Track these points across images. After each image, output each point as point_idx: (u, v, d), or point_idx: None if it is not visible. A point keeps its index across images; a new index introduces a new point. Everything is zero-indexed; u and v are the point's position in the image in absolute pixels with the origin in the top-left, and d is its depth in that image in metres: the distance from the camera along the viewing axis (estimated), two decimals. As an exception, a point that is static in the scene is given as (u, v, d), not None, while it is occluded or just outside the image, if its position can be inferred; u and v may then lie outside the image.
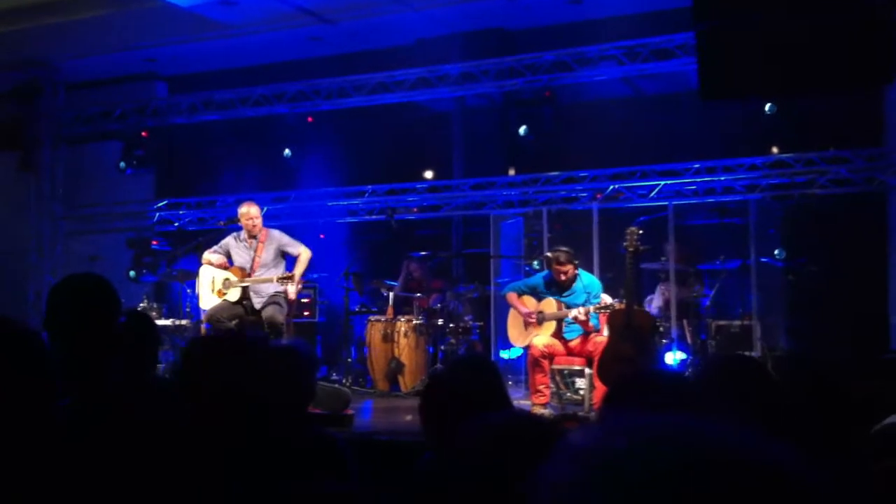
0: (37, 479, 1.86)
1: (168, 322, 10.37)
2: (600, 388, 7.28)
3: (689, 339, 9.13)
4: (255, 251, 8.46)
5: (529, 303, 8.00)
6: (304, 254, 8.43)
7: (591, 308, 7.48)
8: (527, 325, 7.93)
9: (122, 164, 11.82)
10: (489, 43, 10.68)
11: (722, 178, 9.58)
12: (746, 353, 7.73)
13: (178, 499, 1.82)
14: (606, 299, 7.62)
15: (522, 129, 10.00)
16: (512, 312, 8.18)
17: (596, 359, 7.41)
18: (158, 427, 1.88)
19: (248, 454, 2.13)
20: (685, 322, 9.22)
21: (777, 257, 9.36)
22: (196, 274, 8.97)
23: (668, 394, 2.27)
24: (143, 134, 11.90)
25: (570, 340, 7.74)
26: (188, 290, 10.05)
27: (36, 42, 11.32)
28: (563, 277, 7.73)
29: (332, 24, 10.59)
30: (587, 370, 7.68)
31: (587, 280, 7.87)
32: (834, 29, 6.37)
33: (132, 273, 11.45)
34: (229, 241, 8.65)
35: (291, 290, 8.31)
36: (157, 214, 12.14)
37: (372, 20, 10.39)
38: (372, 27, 10.60)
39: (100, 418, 1.88)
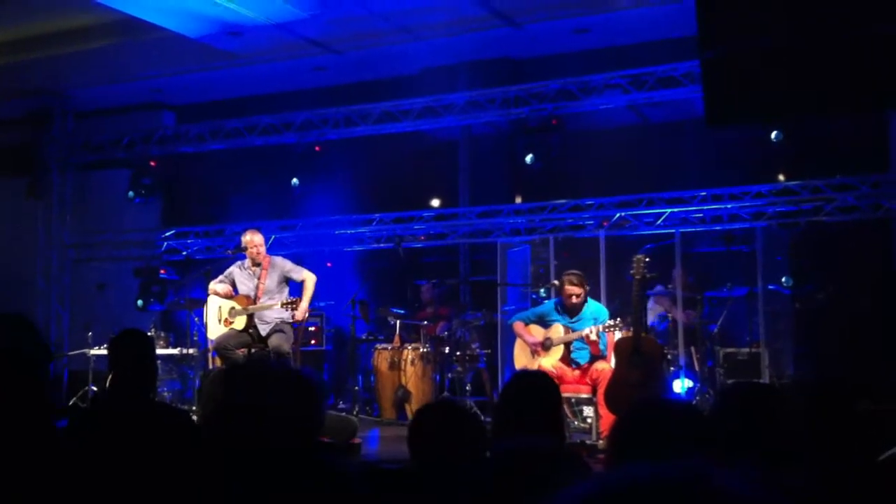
0: (38, 495, 1.87)
1: (175, 351, 10.38)
2: (607, 417, 7.27)
3: (696, 367, 9.10)
4: (259, 278, 8.46)
5: (536, 331, 8.02)
6: (308, 279, 8.39)
7: (601, 326, 7.51)
8: (534, 353, 7.94)
9: (131, 193, 11.82)
10: (495, 72, 10.72)
11: (728, 206, 9.59)
12: (761, 382, 7.72)
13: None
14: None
15: (529, 158, 9.99)
16: (519, 341, 8.18)
17: (600, 387, 7.42)
18: (157, 445, 1.88)
19: (255, 486, 2.12)
20: (693, 349, 9.19)
21: (784, 284, 9.33)
22: (203, 303, 8.99)
23: (678, 425, 2.26)
24: (151, 163, 11.93)
25: (576, 368, 7.75)
26: (195, 319, 10.03)
27: (47, 71, 11.43)
28: (573, 300, 7.77)
29: (339, 53, 10.66)
30: (594, 398, 7.68)
31: (595, 307, 7.94)
32: (839, 54, 6.39)
33: (140, 302, 11.46)
34: (233, 269, 8.66)
35: (297, 314, 8.27)
36: (165, 243, 12.16)
37: (378, 50, 10.46)
38: (378, 57, 10.67)
39: (96, 437, 1.89)
